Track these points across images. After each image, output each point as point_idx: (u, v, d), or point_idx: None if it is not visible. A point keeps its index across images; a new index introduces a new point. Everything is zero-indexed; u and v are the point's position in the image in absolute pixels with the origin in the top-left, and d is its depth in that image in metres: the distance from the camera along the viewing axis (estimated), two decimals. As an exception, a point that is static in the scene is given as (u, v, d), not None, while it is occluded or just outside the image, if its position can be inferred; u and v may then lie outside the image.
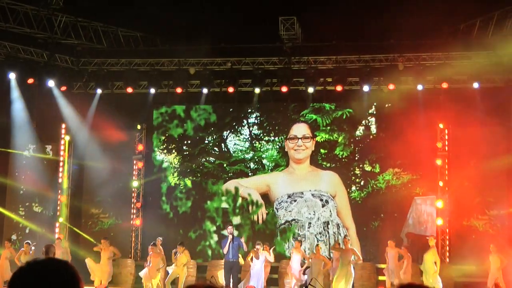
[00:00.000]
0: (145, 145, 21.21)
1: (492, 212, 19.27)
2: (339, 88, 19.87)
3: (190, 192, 20.75)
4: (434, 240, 17.23)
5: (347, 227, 19.90)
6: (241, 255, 16.66)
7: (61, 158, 20.98)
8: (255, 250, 16.41)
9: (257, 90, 20.37)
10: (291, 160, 20.60)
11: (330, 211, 19.99)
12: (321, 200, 20.06)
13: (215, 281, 16.34)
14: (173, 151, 21.18)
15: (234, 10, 19.75)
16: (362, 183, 20.23)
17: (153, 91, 20.74)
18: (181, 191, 20.80)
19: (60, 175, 20.88)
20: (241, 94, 20.77)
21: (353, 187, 20.26)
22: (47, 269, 2.25)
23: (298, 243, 17.53)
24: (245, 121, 21.15)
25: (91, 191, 21.31)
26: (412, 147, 19.25)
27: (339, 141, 20.45)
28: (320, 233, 19.86)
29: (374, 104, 20.50)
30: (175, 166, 21.06)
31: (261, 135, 21.01)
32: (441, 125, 19.78)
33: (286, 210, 20.15)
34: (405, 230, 19.71)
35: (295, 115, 20.85)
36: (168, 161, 21.12)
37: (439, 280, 16.42)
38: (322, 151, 20.50)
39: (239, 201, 20.31)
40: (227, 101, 20.96)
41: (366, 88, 19.77)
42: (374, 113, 20.57)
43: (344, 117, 20.52)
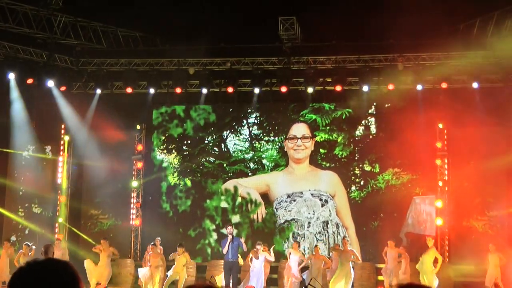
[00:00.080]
0: (144, 145, 21.21)
1: (491, 213, 19.27)
2: (338, 88, 19.87)
3: (189, 191, 20.77)
4: (432, 240, 17.24)
5: (346, 226, 19.91)
6: (240, 255, 16.64)
7: (60, 158, 20.97)
8: (255, 250, 16.41)
9: (256, 90, 20.37)
10: (290, 160, 20.60)
11: (330, 211, 20.00)
12: (321, 199, 20.07)
13: (215, 281, 16.32)
14: (173, 151, 21.18)
15: (234, 10, 19.74)
16: (362, 183, 20.24)
17: (152, 91, 20.73)
18: (180, 190, 20.82)
19: (60, 175, 20.88)
20: (240, 94, 20.76)
21: (353, 187, 20.27)
22: (46, 269, 2.25)
23: (296, 243, 17.58)
24: (245, 121, 21.15)
25: (90, 192, 21.30)
26: (412, 147, 19.27)
27: (339, 141, 20.46)
28: (319, 233, 19.87)
29: (373, 104, 20.52)
30: (175, 166, 21.06)
31: (261, 135, 21.02)
32: (440, 125, 19.78)
33: (285, 209, 20.15)
34: (404, 230, 19.71)
35: (295, 115, 20.86)
36: (168, 161, 21.12)
37: (436, 279, 16.42)
38: (321, 151, 20.51)
39: (238, 200, 20.33)
40: (226, 101, 20.96)
41: (365, 88, 19.78)
42: (374, 113, 20.59)
43: (344, 117, 20.53)
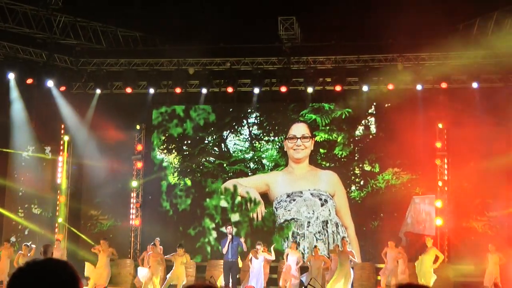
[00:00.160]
0: (144, 145, 21.21)
1: (491, 213, 19.25)
2: (338, 88, 19.87)
3: (189, 190, 20.81)
4: (431, 240, 17.25)
5: (346, 226, 19.92)
6: (240, 255, 16.63)
7: (60, 158, 20.96)
8: (254, 250, 16.40)
9: (256, 90, 20.37)
10: (290, 159, 20.61)
11: (329, 210, 20.00)
12: (320, 199, 20.08)
13: (214, 281, 16.31)
14: (173, 151, 21.19)
15: (234, 10, 19.74)
16: (361, 182, 20.24)
17: (152, 91, 20.72)
18: (180, 189, 20.85)
19: (59, 175, 20.87)
20: (240, 94, 20.76)
21: (353, 187, 20.27)
22: (46, 269, 2.24)
23: (293, 244, 17.62)
24: (244, 121, 21.16)
25: (90, 192, 21.30)
26: (412, 147, 19.27)
27: (338, 140, 20.47)
28: (319, 232, 19.87)
29: (373, 104, 20.52)
30: (175, 166, 21.07)
31: (261, 135, 21.02)
32: (440, 125, 19.78)
33: (285, 209, 20.16)
34: (403, 229, 19.71)
35: (295, 115, 20.86)
36: (168, 161, 21.13)
37: (434, 276, 16.43)
38: (321, 150, 20.52)
39: (238, 199, 20.36)
40: (226, 101, 20.95)
41: (365, 88, 19.77)
42: (374, 112, 20.59)
43: (344, 117, 20.53)
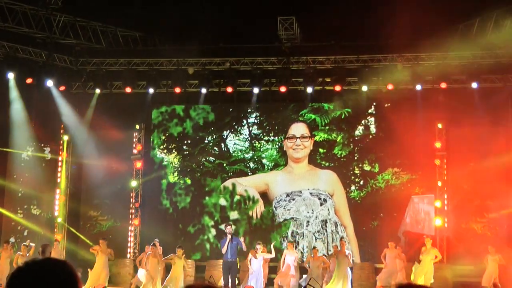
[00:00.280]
0: (143, 145, 21.21)
1: (490, 214, 19.24)
2: (338, 88, 19.86)
3: (189, 188, 20.86)
4: (430, 241, 17.26)
5: (345, 225, 19.93)
6: (240, 254, 16.62)
7: (59, 158, 20.95)
8: (254, 250, 16.40)
9: (256, 90, 20.36)
10: (289, 159, 20.62)
11: (328, 210, 20.02)
12: (319, 198, 20.09)
13: (214, 281, 16.31)
14: (173, 150, 21.21)
15: (233, 10, 19.73)
16: (361, 182, 20.24)
17: (151, 91, 20.71)
18: (180, 187, 20.90)
19: (59, 174, 20.86)
20: (240, 94, 20.75)
21: (353, 187, 20.27)
22: (44, 269, 2.24)
23: (290, 244, 17.63)
24: (244, 121, 21.17)
25: (89, 192, 21.28)
26: (411, 147, 19.28)
27: (338, 140, 20.47)
28: (318, 232, 19.88)
29: (373, 104, 20.51)
30: (175, 166, 21.08)
31: (261, 135, 21.03)
32: (439, 125, 19.78)
33: (284, 208, 20.17)
34: (402, 229, 19.72)
35: (294, 115, 20.86)
36: (168, 160, 21.14)
37: (432, 280, 16.49)
38: (321, 150, 20.52)
39: (237, 197, 20.39)
40: (226, 101, 20.94)
41: (364, 88, 19.76)
42: (373, 112, 20.59)
43: (343, 117, 20.53)
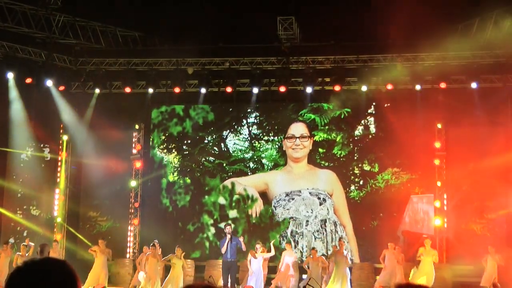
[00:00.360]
0: (143, 145, 21.20)
1: (490, 215, 19.24)
2: (337, 88, 19.86)
3: (188, 187, 20.90)
4: (430, 242, 17.25)
5: (344, 225, 19.94)
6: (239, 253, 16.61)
7: (59, 158, 20.94)
8: (253, 250, 16.40)
9: (255, 90, 20.36)
10: (289, 159, 20.63)
11: (328, 209, 20.02)
12: (319, 198, 20.10)
13: (213, 281, 16.30)
14: (173, 150, 21.22)
15: (233, 10, 19.72)
16: (361, 182, 20.24)
17: (151, 91, 20.70)
18: (180, 186, 20.92)
19: (58, 174, 20.86)
20: (239, 94, 20.75)
21: (352, 187, 20.27)
22: (44, 269, 2.24)
23: (288, 244, 17.63)
24: (244, 121, 21.17)
25: (89, 192, 21.27)
26: (411, 147, 19.28)
27: (337, 140, 20.47)
28: (317, 231, 19.90)
29: (373, 104, 20.52)
30: (175, 165, 21.09)
31: (261, 134, 21.04)
32: (439, 125, 19.78)
33: (284, 208, 20.18)
34: (401, 228, 19.72)
35: (294, 115, 20.86)
36: (168, 160, 21.15)
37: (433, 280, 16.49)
38: (320, 150, 20.52)
39: (236, 196, 20.42)
40: (225, 101, 20.94)
41: (364, 88, 19.76)
42: (373, 112, 20.59)
43: (343, 117, 20.53)
